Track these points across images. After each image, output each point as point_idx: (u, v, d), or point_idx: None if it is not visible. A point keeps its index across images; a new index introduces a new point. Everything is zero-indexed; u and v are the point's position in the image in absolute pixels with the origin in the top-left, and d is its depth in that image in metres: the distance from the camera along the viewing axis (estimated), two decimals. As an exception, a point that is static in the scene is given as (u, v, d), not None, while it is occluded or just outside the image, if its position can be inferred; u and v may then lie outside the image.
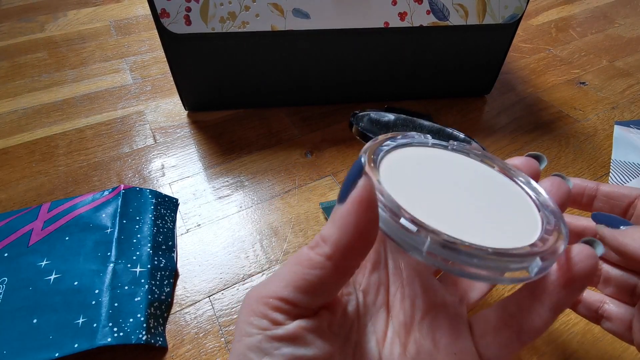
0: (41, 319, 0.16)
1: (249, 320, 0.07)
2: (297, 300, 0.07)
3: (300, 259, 0.07)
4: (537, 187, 0.09)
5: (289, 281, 0.07)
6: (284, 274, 0.07)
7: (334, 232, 0.07)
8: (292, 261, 0.07)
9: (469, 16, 0.24)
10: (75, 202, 0.21)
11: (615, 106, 0.29)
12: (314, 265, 0.07)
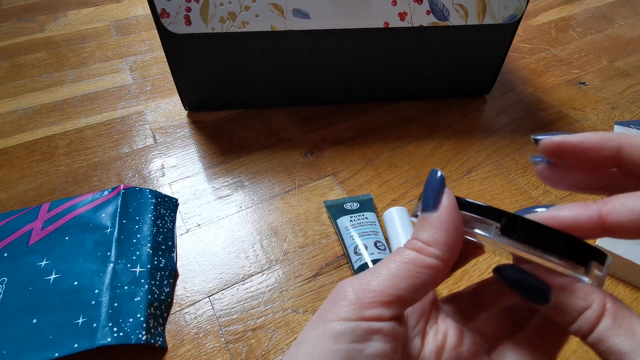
0: (41, 318, 0.16)
1: (353, 307, 0.07)
2: (406, 297, 0.07)
3: (412, 259, 0.07)
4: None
5: (402, 277, 0.07)
6: (395, 272, 0.07)
7: (441, 235, 0.08)
8: (399, 260, 0.08)
9: (469, 16, 0.24)
10: (75, 202, 0.21)
11: (615, 106, 0.29)
12: (427, 266, 0.07)
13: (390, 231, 0.20)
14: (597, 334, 0.07)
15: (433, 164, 0.25)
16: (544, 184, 0.24)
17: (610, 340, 0.06)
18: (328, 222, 0.22)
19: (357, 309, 0.07)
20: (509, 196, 0.23)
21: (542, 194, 0.23)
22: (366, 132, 0.27)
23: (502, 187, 0.24)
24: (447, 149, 0.26)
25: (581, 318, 0.07)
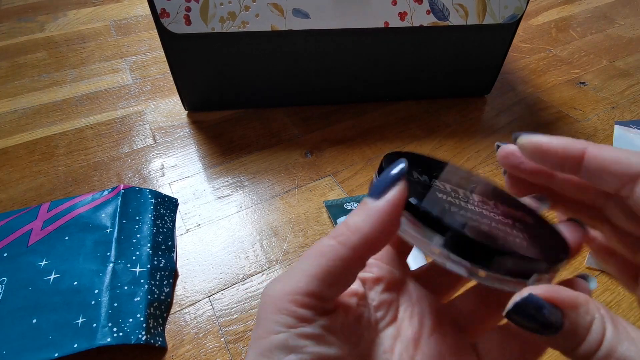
0: (41, 319, 0.16)
1: (275, 318, 0.07)
2: (323, 293, 0.07)
3: (323, 250, 0.07)
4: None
5: (315, 274, 0.07)
6: (306, 267, 0.07)
7: (366, 224, 0.07)
8: (313, 254, 0.07)
9: (469, 16, 0.24)
10: (74, 202, 0.21)
11: (615, 106, 0.29)
12: (338, 256, 0.07)
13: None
14: (605, 346, 0.06)
15: (433, 164, 0.25)
16: (544, 184, 0.24)
17: (618, 350, 0.06)
18: (328, 222, 0.22)
19: (282, 317, 0.07)
20: (509, 196, 0.23)
21: (542, 194, 0.23)
22: (366, 132, 0.27)
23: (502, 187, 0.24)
24: (447, 149, 0.26)
25: (590, 334, 0.06)
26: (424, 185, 0.08)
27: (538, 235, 0.08)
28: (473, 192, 0.08)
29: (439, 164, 0.09)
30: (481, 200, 0.08)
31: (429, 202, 0.07)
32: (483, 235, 0.07)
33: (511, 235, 0.07)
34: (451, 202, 0.08)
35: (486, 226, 0.07)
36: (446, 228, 0.07)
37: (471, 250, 0.07)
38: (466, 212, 0.08)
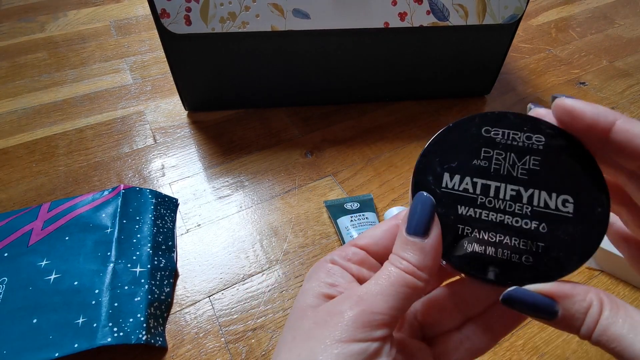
0: (41, 318, 0.16)
1: (363, 330, 0.08)
2: (400, 316, 0.08)
3: (407, 282, 0.08)
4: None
5: (400, 299, 0.08)
6: (392, 293, 0.08)
7: (429, 261, 0.08)
8: (395, 281, 0.08)
9: (469, 16, 0.24)
10: (75, 202, 0.21)
11: (615, 106, 0.29)
12: (419, 289, 0.08)
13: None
14: (600, 326, 0.07)
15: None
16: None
17: (611, 329, 0.07)
18: (328, 222, 0.22)
19: (368, 330, 0.08)
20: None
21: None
22: (366, 132, 0.27)
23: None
24: (447, 149, 0.26)
25: (587, 317, 0.07)
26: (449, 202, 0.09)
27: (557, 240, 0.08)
28: (506, 180, 0.08)
29: (480, 141, 0.09)
30: (513, 195, 0.08)
31: (446, 234, 0.08)
32: (498, 267, 0.08)
33: (519, 253, 0.08)
34: (474, 223, 0.08)
35: (493, 248, 0.08)
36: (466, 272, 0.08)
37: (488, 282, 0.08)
38: (483, 231, 0.08)
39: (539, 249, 0.08)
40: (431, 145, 0.09)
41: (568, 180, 0.08)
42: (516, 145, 0.08)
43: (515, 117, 0.09)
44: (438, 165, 0.09)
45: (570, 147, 0.08)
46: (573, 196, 0.08)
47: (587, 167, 0.08)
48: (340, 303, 0.08)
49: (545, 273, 0.08)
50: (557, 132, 0.08)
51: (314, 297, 0.09)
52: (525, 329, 0.17)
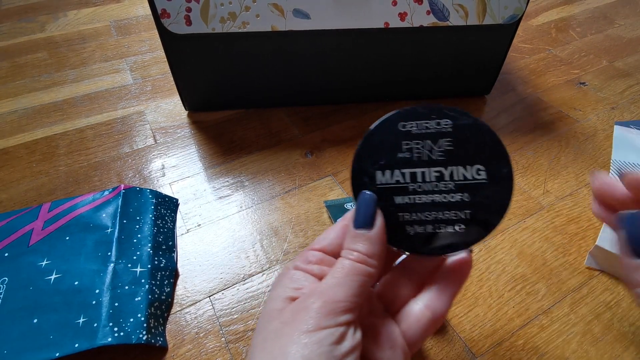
0: (41, 318, 0.16)
1: (328, 318, 0.09)
2: (361, 302, 0.09)
3: (361, 270, 0.09)
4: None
5: (357, 287, 0.09)
6: (349, 283, 0.09)
7: (376, 249, 0.10)
8: (350, 271, 0.09)
9: (469, 16, 0.24)
10: (75, 202, 0.21)
11: (615, 106, 0.29)
12: (371, 275, 0.09)
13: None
14: None
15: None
16: (544, 185, 0.24)
17: None
18: (328, 222, 0.22)
19: (332, 317, 0.09)
20: (509, 196, 0.23)
21: (542, 194, 0.23)
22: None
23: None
24: (447, 149, 0.26)
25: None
26: (384, 190, 0.10)
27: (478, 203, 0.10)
28: (428, 165, 0.10)
29: (401, 135, 0.10)
30: (437, 176, 0.10)
31: (390, 223, 0.10)
32: (427, 239, 0.10)
33: (453, 223, 0.10)
34: (410, 208, 0.10)
35: (431, 225, 0.10)
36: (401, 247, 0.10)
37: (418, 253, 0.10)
38: (419, 213, 0.10)
39: (467, 216, 0.10)
40: (359, 150, 0.10)
41: (477, 152, 0.10)
42: (429, 133, 0.10)
43: (423, 109, 0.10)
44: (370, 166, 0.10)
45: (473, 124, 0.10)
46: (484, 165, 0.10)
47: (489, 138, 0.10)
48: (304, 300, 0.09)
49: (476, 235, 0.10)
50: (458, 114, 0.10)
51: (280, 302, 0.09)
52: (525, 329, 0.17)
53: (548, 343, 0.17)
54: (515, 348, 0.17)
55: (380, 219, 0.10)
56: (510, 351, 0.17)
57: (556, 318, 0.18)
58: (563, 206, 0.22)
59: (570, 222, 0.21)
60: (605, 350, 0.17)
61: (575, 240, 0.21)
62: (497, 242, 0.21)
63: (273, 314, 0.09)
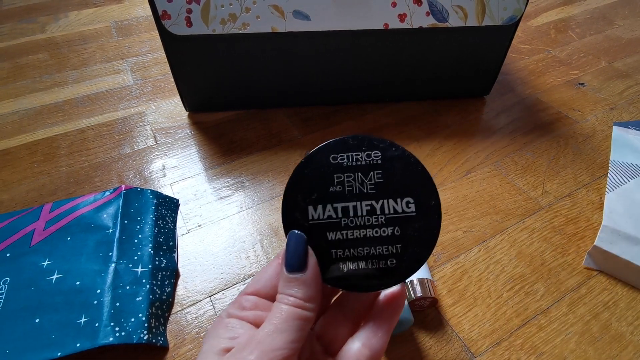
0: (43, 318, 0.16)
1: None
2: (299, 347, 0.09)
3: (299, 315, 0.09)
4: None
5: (294, 332, 0.09)
6: (287, 328, 0.09)
7: (312, 292, 0.10)
8: (288, 317, 0.09)
9: (468, 18, 0.24)
10: (77, 203, 0.21)
11: (614, 107, 0.29)
12: (309, 319, 0.09)
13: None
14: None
15: (433, 164, 0.25)
16: (543, 185, 0.24)
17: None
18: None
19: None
20: (508, 197, 0.23)
21: (541, 195, 0.23)
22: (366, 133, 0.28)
23: (501, 187, 0.24)
24: (446, 150, 0.26)
25: None
26: (314, 229, 0.10)
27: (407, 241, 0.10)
28: (360, 198, 0.10)
29: (334, 169, 0.10)
30: (368, 210, 0.10)
31: (323, 260, 0.10)
32: (359, 278, 0.10)
33: (385, 258, 0.10)
34: (343, 244, 0.10)
35: (364, 261, 0.10)
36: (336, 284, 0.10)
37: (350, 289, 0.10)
38: (352, 249, 0.10)
39: (398, 250, 0.10)
40: (290, 184, 0.10)
41: (406, 185, 0.10)
42: (360, 165, 0.10)
43: (353, 140, 0.10)
44: (302, 201, 0.10)
45: (401, 156, 0.10)
46: (413, 197, 0.10)
47: (416, 170, 0.10)
48: (240, 352, 0.09)
49: (408, 269, 0.10)
50: (387, 145, 0.10)
51: (214, 355, 0.09)
52: (524, 329, 0.17)
53: (546, 342, 0.17)
54: (513, 347, 0.17)
55: (313, 259, 0.10)
56: (508, 351, 0.17)
57: (555, 318, 0.18)
58: (562, 207, 0.22)
59: (569, 223, 0.22)
60: (603, 350, 0.17)
61: (573, 240, 0.21)
62: (496, 242, 0.21)
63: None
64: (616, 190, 0.22)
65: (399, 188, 0.10)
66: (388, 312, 0.10)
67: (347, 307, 0.11)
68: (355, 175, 0.10)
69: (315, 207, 0.10)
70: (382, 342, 0.10)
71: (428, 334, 0.17)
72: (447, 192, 0.23)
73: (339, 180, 0.10)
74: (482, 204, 0.23)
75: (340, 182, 0.10)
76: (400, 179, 0.10)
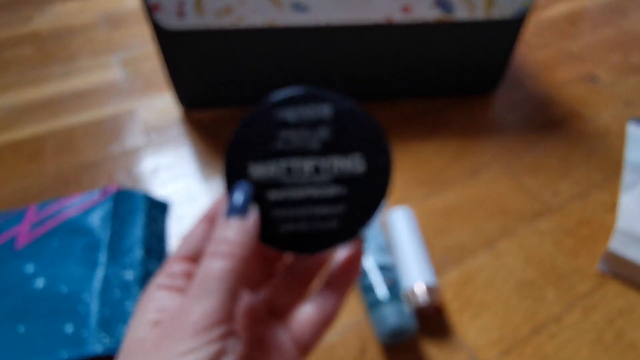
0: (28, 326, 0.15)
1: (198, 338, 0.08)
2: (229, 306, 0.08)
3: (227, 269, 0.08)
4: None
5: (228, 296, 0.08)
6: (214, 291, 0.08)
7: (250, 240, 0.09)
8: (219, 276, 0.08)
9: (475, 10, 0.23)
10: (64, 204, 0.20)
11: (629, 103, 0.28)
12: (241, 273, 0.09)
13: (394, 233, 0.19)
14: None
15: (437, 163, 0.24)
16: (553, 185, 0.23)
17: None
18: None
19: (203, 335, 0.08)
20: (517, 197, 0.22)
21: (551, 196, 0.22)
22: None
23: (509, 188, 0.23)
24: (451, 148, 0.25)
25: None
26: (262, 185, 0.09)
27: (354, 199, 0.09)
28: (305, 156, 0.09)
29: (283, 125, 0.09)
30: (314, 168, 0.09)
31: (263, 220, 0.09)
32: (304, 239, 0.09)
33: (327, 219, 0.09)
34: (284, 205, 0.09)
35: (305, 222, 0.09)
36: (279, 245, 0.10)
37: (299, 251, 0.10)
38: (293, 209, 0.09)
39: (343, 211, 0.09)
40: (232, 141, 0.09)
41: (356, 141, 0.09)
42: (307, 120, 0.09)
43: (299, 93, 0.09)
44: (242, 158, 0.09)
45: (352, 110, 0.09)
46: (362, 153, 0.09)
47: (368, 124, 0.09)
48: (169, 323, 0.08)
49: (351, 231, 0.09)
50: (338, 98, 0.09)
51: (142, 329, 0.08)
52: (534, 337, 0.17)
53: (558, 351, 0.16)
54: (523, 356, 0.16)
55: (255, 210, 0.09)
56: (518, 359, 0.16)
57: (566, 325, 0.17)
58: (573, 208, 0.22)
59: (581, 225, 0.21)
60: (617, 359, 0.16)
61: (585, 243, 0.20)
62: (504, 245, 0.20)
63: (135, 345, 0.08)
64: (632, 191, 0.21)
65: (348, 144, 0.09)
66: (343, 275, 0.10)
67: (294, 271, 0.10)
68: (301, 131, 0.09)
69: (255, 164, 0.09)
70: (335, 307, 0.10)
71: (432, 341, 0.16)
72: (452, 193, 0.22)
73: (284, 136, 0.09)
74: (489, 205, 0.22)
75: (284, 139, 0.09)
76: (350, 134, 0.09)
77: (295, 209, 0.09)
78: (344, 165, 0.09)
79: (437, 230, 0.20)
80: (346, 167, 0.09)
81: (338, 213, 0.09)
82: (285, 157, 0.09)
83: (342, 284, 0.10)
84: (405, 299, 0.16)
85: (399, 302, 0.16)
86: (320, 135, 0.09)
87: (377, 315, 0.16)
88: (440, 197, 0.22)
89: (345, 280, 0.10)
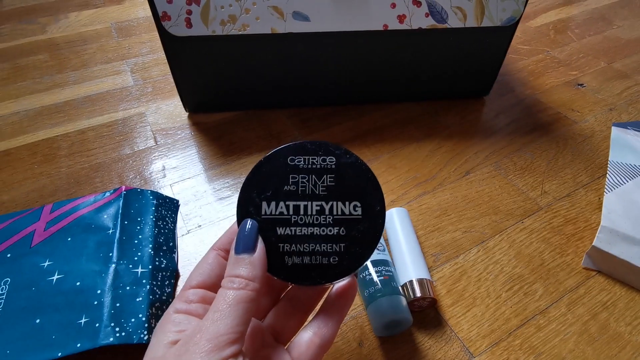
0: (44, 319, 0.16)
1: (213, 354, 0.09)
2: (246, 329, 0.09)
3: (242, 297, 0.09)
4: None
5: (242, 320, 0.09)
6: (232, 315, 0.09)
7: (259, 273, 0.10)
8: (234, 301, 0.09)
9: (467, 19, 0.24)
10: (77, 204, 0.21)
11: (613, 108, 0.30)
12: (253, 301, 0.10)
13: (390, 232, 0.20)
14: None
15: (432, 165, 0.25)
16: (542, 186, 0.24)
17: None
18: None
19: (217, 352, 0.09)
20: (507, 197, 0.23)
21: (540, 195, 0.23)
22: (365, 134, 0.27)
23: (500, 188, 0.24)
24: (445, 150, 0.26)
25: None
26: (268, 222, 0.11)
27: (352, 238, 0.11)
28: (311, 199, 0.11)
29: (288, 171, 0.11)
30: (318, 209, 0.11)
31: (270, 252, 0.10)
32: (305, 272, 0.10)
33: (327, 255, 0.11)
34: (291, 240, 0.11)
35: (308, 256, 0.11)
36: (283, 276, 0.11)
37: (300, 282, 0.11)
38: (298, 244, 0.11)
39: (342, 249, 0.11)
40: (248, 180, 0.11)
41: (356, 190, 0.11)
42: (315, 168, 0.11)
43: (311, 145, 0.11)
44: (256, 197, 0.11)
45: (354, 163, 0.11)
46: (360, 201, 0.11)
47: (366, 177, 0.11)
48: (186, 342, 0.09)
49: (348, 266, 0.10)
50: (342, 152, 0.11)
51: (162, 348, 0.09)
52: (522, 329, 0.17)
53: (545, 343, 0.17)
54: (512, 348, 0.17)
55: (262, 244, 0.10)
56: (507, 351, 0.17)
57: (553, 318, 0.18)
58: (560, 207, 0.22)
59: (568, 223, 0.22)
60: (601, 350, 0.17)
61: (572, 241, 0.21)
62: (495, 242, 0.21)
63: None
64: (615, 191, 0.22)
65: (349, 192, 0.11)
66: (339, 303, 0.11)
67: (296, 300, 0.12)
68: (310, 177, 0.11)
69: (268, 203, 0.11)
70: (332, 332, 0.11)
71: (427, 334, 0.17)
72: (446, 193, 0.23)
73: (294, 180, 0.11)
74: (482, 204, 0.23)
75: (294, 182, 0.11)
76: (351, 184, 0.11)
77: (299, 244, 0.10)
78: (343, 210, 0.10)
79: (432, 228, 0.21)
80: (345, 212, 0.10)
81: (337, 250, 0.10)
82: (294, 198, 0.10)
83: (338, 311, 0.11)
84: (401, 293, 0.17)
85: (394, 296, 0.16)
86: (325, 182, 0.11)
87: (373, 308, 0.16)
88: (434, 197, 0.23)
89: (341, 307, 0.11)
